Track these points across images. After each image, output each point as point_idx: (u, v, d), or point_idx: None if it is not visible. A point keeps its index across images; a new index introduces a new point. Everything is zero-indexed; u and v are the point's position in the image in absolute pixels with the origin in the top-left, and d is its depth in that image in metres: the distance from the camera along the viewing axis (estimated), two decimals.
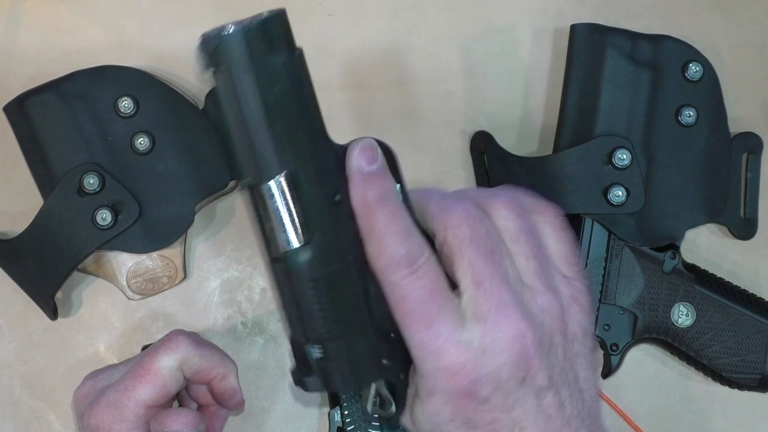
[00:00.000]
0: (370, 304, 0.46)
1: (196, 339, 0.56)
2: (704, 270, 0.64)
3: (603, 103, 0.62)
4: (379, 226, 0.44)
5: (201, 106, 0.62)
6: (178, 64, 0.65)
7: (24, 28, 0.65)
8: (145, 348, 0.59)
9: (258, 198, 0.45)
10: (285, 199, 0.45)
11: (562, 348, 0.45)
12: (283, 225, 0.45)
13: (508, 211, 0.46)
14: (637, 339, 0.62)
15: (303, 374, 0.48)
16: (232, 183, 0.63)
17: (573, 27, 0.63)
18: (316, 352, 0.47)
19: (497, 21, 0.67)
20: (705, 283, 0.62)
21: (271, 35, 0.44)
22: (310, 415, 0.64)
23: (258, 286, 0.65)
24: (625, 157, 0.61)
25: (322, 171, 0.45)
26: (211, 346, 0.57)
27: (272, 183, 0.44)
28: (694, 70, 0.63)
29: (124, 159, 0.60)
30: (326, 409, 0.60)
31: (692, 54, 0.63)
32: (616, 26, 0.63)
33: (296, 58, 0.45)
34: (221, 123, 0.46)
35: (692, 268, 0.63)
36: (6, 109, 0.61)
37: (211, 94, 0.62)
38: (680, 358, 0.63)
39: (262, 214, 0.45)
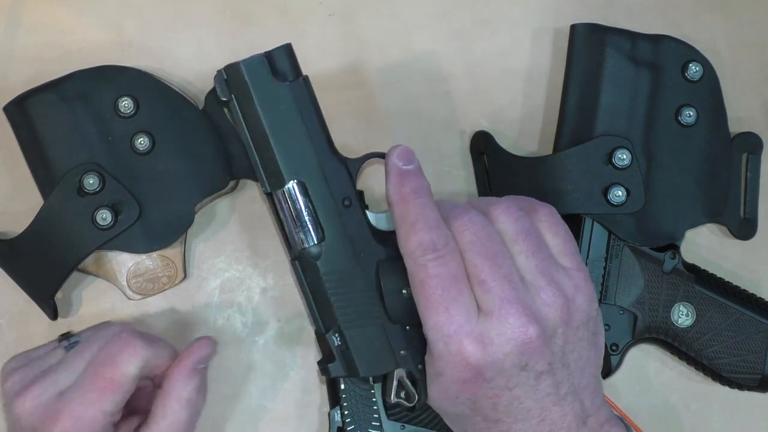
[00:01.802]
0: (384, 298, 0.52)
1: (148, 338, 0.56)
2: (704, 270, 0.64)
3: (603, 103, 0.62)
4: (411, 214, 0.50)
5: (201, 106, 0.62)
6: (178, 64, 0.65)
7: (24, 28, 0.65)
8: (64, 336, 0.59)
9: (275, 204, 0.53)
10: (297, 203, 0.52)
11: (563, 336, 0.50)
12: (296, 226, 0.53)
13: (507, 216, 0.51)
14: (637, 339, 0.62)
15: (327, 361, 0.54)
16: (231, 183, 0.63)
17: (573, 27, 0.63)
18: (336, 340, 0.53)
19: (497, 21, 0.67)
20: (705, 283, 0.62)
21: (275, 65, 0.52)
22: (310, 415, 0.64)
23: (258, 286, 0.65)
24: (625, 157, 0.61)
25: (329, 179, 0.53)
26: (160, 340, 0.57)
27: (284, 190, 0.52)
28: (694, 70, 0.63)
29: (124, 159, 0.60)
30: (326, 409, 0.60)
31: (692, 54, 0.63)
32: (616, 26, 0.63)
33: (300, 83, 0.53)
34: (242, 141, 0.54)
35: (692, 268, 0.63)
36: (6, 109, 0.61)
37: (211, 94, 0.62)
38: (680, 358, 0.64)
39: (282, 218, 0.53)
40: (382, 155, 0.54)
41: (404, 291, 0.52)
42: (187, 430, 0.56)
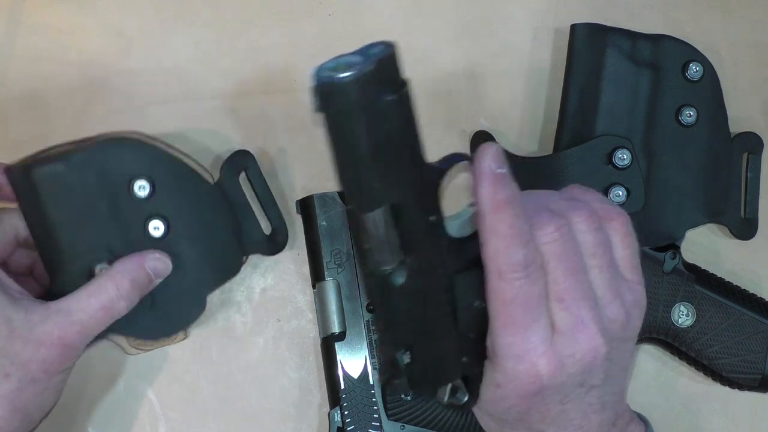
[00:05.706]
0: (457, 312, 0.48)
1: None
2: (704, 270, 0.64)
3: (603, 103, 0.62)
4: (504, 225, 0.45)
5: (216, 176, 0.61)
6: (178, 65, 0.65)
7: (24, 28, 0.65)
8: None
9: (358, 222, 0.46)
10: (385, 227, 0.46)
11: (616, 351, 0.48)
12: (380, 249, 0.46)
13: (588, 225, 0.48)
14: (637, 339, 0.62)
15: (393, 377, 0.50)
16: (243, 258, 0.62)
17: (573, 27, 0.63)
18: (405, 358, 0.49)
19: (497, 21, 0.67)
20: (705, 283, 0.62)
21: (383, 76, 0.44)
22: (310, 415, 0.64)
23: (258, 286, 0.65)
24: (625, 157, 0.61)
25: (421, 197, 0.46)
26: None
27: (374, 213, 0.45)
28: (695, 70, 0.63)
29: (137, 244, 0.57)
30: (326, 409, 0.60)
31: (692, 54, 0.63)
32: (616, 26, 0.63)
33: (404, 94, 0.46)
34: (333, 154, 0.45)
35: (692, 268, 0.63)
36: (10, 171, 0.56)
37: (227, 163, 0.61)
38: (680, 358, 0.63)
39: (363, 236, 0.46)
40: (469, 157, 0.48)
41: (476, 303, 0.48)
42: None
